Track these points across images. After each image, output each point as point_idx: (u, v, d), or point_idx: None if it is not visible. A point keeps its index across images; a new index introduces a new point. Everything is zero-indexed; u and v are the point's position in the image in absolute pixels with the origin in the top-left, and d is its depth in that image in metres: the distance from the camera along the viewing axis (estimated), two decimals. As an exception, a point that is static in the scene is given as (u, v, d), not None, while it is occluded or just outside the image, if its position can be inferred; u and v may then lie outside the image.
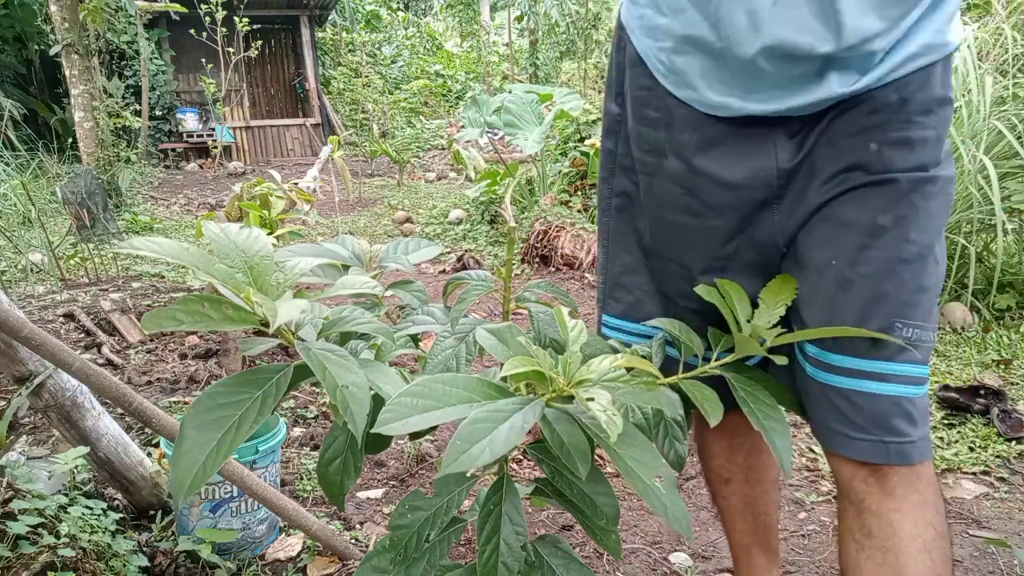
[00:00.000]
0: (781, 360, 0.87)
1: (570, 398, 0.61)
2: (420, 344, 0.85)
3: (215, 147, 9.86)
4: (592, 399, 0.55)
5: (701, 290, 0.91)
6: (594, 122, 5.50)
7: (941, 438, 2.20)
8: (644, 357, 0.92)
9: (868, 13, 0.77)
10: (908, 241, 0.85)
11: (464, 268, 4.53)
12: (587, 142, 5.23)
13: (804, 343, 0.93)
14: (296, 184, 4.59)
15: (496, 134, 7.87)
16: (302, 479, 2.00)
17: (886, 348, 0.86)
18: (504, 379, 0.61)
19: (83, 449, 1.53)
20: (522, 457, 2.08)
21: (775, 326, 0.86)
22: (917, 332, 0.86)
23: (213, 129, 10.37)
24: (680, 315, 1.01)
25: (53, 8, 6.18)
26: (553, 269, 4.48)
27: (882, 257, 0.85)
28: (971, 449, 2.14)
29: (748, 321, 0.83)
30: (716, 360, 0.89)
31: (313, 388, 2.58)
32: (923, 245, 0.85)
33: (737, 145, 0.90)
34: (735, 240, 0.96)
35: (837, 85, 0.82)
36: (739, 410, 0.87)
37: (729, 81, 0.87)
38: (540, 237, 4.55)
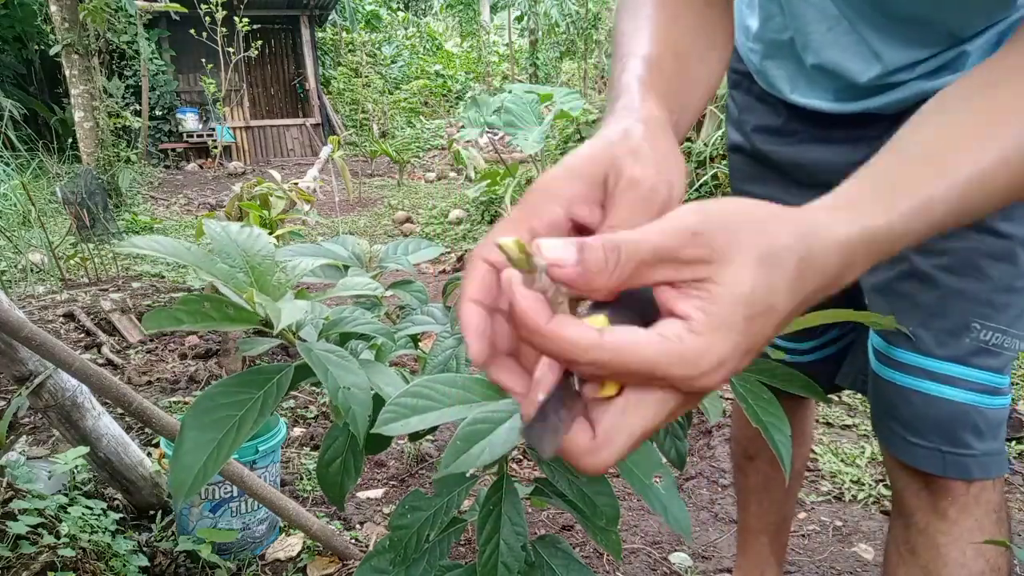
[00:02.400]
0: (777, 355, 0.86)
1: (570, 398, 0.61)
2: (420, 344, 0.85)
3: (215, 147, 9.86)
4: (592, 399, 0.55)
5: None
6: (594, 122, 5.50)
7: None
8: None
9: (900, 49, 0.79)
10: (996, 233, 0.77)
11: (464, 268, 4.52)
12: (587, 142, 5.23)
13: (872, 338, 0.89)
14: (296, 184, 4.59)
15: (496, 134, 7.88)
16: (302, 479, 2.00)
17: (958, 348, 0.79)
18: (504, 379, 0.61)
19: (83, 449, 1.53)
20: (522, 457, 2.09)
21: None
22: (999, 336, 0.79)
23: (213, 129, 10.37)
24: None
25: (53, 8, 6.18)
26: (553, 269, 4.47)
27: (964, 248, 0.79)
28: (971, 449, 2.14)
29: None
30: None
31: (313, 388, 2.59)
32: (1017, 240, 0.78)
33: (818, 133, 0.93)
34: None
35: (920, 83, 0.80)
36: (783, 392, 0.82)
37: (812, 85, 0.89)
38: (540, 237, 4.55)
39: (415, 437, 1.22)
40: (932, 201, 0.43)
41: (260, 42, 10.12)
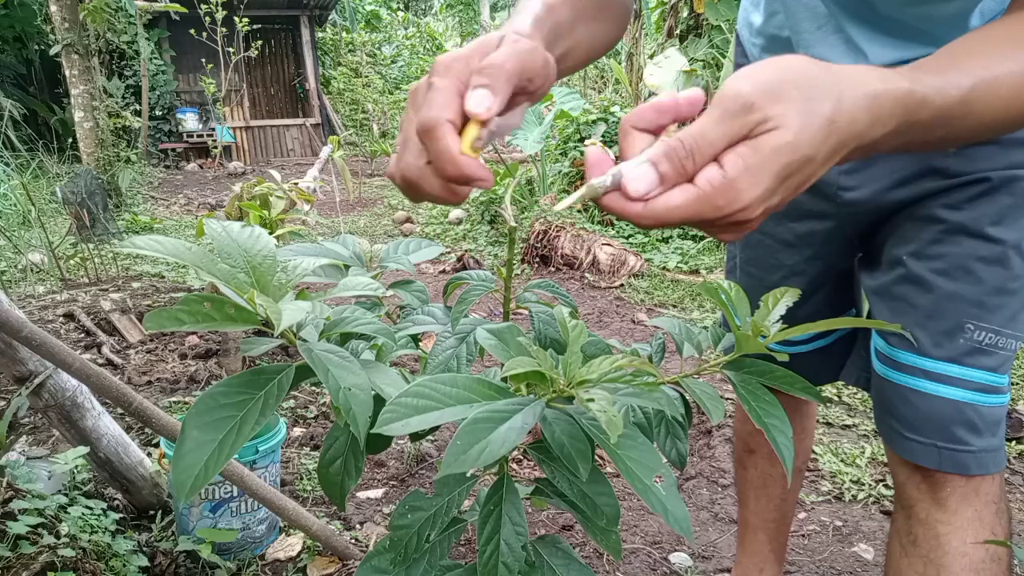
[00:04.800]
0: (782, 357, 0.86)
1: (571, 398, 0.61)
2: (420, 344, 0.85)
3: (215, 147, 9.86)
4: (592, 400, 0.55)
5: (702, 287, 0.92)
6: (594, 122, 5.50)
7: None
8: (645, 357, 0.92)
9: (884, 48, 0.81)
10: (987, 238, 0.81)
11: (464, 268, 4.53)
12: (587, 142, 5.22)
13: (874, 339, 0.91)
14: (296, 184, 4.59)
15: (496, 134, 7.85)
16: (302, 479, 2.00)
17: (953, 349, 0.82)
18: (504, 379, 0.61)
19: (83, 449, 1.53)
20: (522, 457, 2.08)
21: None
22: (992, 336, 0.81)
23: (213, 129, 10.37)
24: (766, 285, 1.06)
25: (53, 8, 6.18)
26: (553, 269, 4.48)
27: (956, 253, 0.82)
28: (971, 449, 2.14)
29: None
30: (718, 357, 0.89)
31: (313, 388, 2.59)
32: (1009, 244, 0.80)
33: None
34: (803, 221, 0.99)
35: None
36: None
37: None
38: (540, 237, 4.55)
39: (415, 437, 1.22)
40: (947, 85, 0.53)
41: (260, 42, 10.12)
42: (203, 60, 10.27)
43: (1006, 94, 0.55)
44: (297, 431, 2.31)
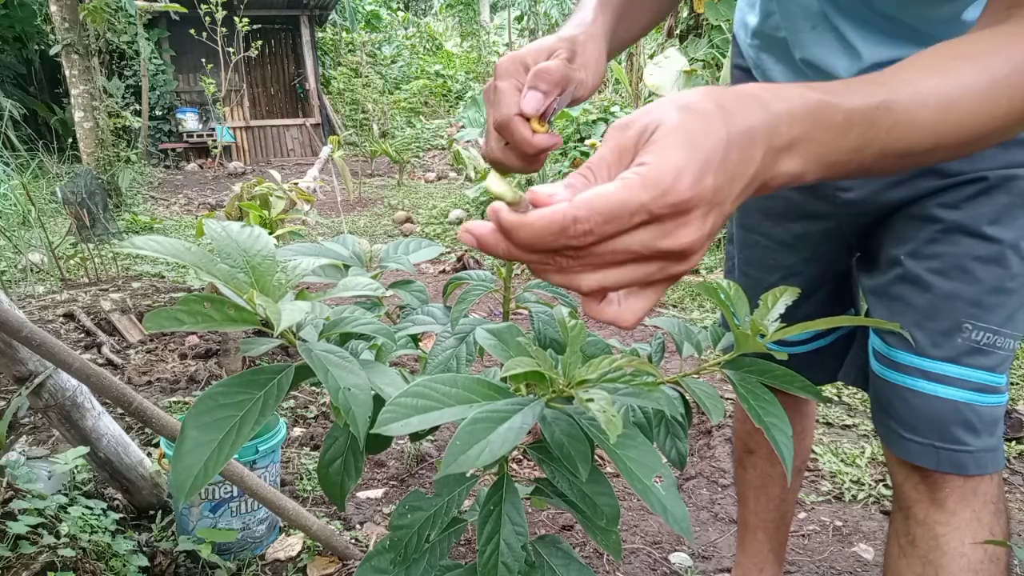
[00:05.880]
0: (781, 356, 0.86)
1: (570, 399, 0.61)
2: (420, 344, 0.85)
3: (215, 147, 9.86)
4: (591, 400, 0.55)
5: (702, 287, 0.92)
6: (594, 122, 5.50)
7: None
8: (645, 357, 0.92)
9: (878, 47, 0.81)
10: (985, 237, 0.81)
11: (464, 268, 4.52)
12: (587, 142, 5.23)
13: (872, 339, 0.92)
14: (296, 184, 4.59)
15: (496, 134, 7.85)
16: (302, 479, 2.00)
17: (951, 348, 0.82)
18: (504, 379, 0.61)
19: (83, 449, 1.53)
20: (522, 457, 2.08)
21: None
22: (990, 336, 0.81)
23: (213, 129, 10.38)
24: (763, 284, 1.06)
25: (53, 8, 6.18)
26: (553, 269, 4.47)
27: (954, 252, 0.82)
28: (971, 449, 2.14)
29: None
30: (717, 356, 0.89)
31: (313, 388, 2.59)
32: (1006, 243, 0.80)
33: None
34: (800, 221, 0.99)
35: None
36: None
37: (802, 79, 0.91)
38: (540, 237, 4.54)
39: (415, 437, 1.22)
40: (856, 91, 0.50)
41: (260, 42, 10.11)
42: (203, 60, 10.26)
43: (934, 105, 0.51)
44: (297, 431, 2.31)
